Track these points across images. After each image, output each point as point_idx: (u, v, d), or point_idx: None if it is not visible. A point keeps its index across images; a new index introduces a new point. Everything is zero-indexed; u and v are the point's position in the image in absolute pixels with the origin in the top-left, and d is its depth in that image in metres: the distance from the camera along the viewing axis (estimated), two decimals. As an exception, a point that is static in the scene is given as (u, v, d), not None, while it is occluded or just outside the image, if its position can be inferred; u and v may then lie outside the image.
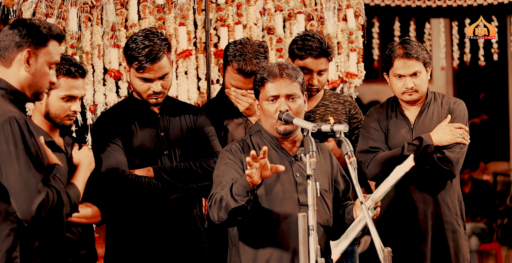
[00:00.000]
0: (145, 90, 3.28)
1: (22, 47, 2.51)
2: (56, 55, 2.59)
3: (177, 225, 3.31)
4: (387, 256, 2.55)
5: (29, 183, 2.39)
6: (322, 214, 2.97)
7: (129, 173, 3.21)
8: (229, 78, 3.53)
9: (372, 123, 3.63)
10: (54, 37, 2.57)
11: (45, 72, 2.56)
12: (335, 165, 3.13)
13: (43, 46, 2.54)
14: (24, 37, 2.51)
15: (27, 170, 2.39)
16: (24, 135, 2.41)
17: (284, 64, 3.03)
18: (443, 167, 3.45)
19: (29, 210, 2.38)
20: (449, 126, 3.51)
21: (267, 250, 2.91)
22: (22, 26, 2.53)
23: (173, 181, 3.24)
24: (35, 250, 2.50)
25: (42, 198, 2.39)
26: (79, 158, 3.00)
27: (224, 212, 2.78)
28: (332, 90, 4.09)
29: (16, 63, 2.52)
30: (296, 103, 2.97)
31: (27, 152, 2.40)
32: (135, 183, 3.19)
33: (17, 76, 2.52)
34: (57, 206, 2.47)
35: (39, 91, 2.58)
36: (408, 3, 6.18)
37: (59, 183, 2.51)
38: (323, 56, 3.70)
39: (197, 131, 3.40)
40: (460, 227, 3.57)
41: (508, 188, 7.83)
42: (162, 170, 3.25)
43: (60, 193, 2.48)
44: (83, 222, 3.11)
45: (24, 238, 2.46)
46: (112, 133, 3.28)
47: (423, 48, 3.54)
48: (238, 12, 4.18)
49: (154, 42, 3.22)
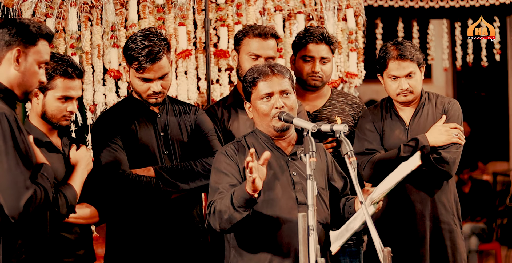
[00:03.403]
0: (145, 90, 3.28)
1: (11, 45, 2.52)
2: (45, 54, 2.60)
3: (177, 225, 3.31)
4: (387, 256, 2.55)
5: (17, 179, 2.39)
6: (321, 212, 2.98)
7: (130, 173, 3.21)
8: (247, 49, 3.58)
9: (367, 125, 3.62)
10: (43, 36, 2.58)
11: (35, 71, 2.57)
12: (330, 162, 3.14)
13: (33, 45, 2.55)
14: (14, 36, 2.52)
15: (16, 166, 2.40)
16: (14, 132, 2.42)
17: (271, 63, 3.08)
18: (440, 167, 3.45)
19: (17, 206, 2.39)
20: (444, 126, 3.51)
21: (269, 250, 2.90)
22: (11, 25, 2.54)
23: (174, 181, 3.24)
24: (17, 248, 2.49)
25: (30, 194, 2.40)
26: (77, 159, 3.01)
27: (226, 223, 2.80)
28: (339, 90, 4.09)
29: (6, 62, 2.53)
30: (290, 99, 2.98)
31: (16, 148, 2.41)
32: (136, 183, 3.19)
33: (7, 75, 2.53)
34: (44, 204, 2.47)
35: (29, 90, 2.59)
36: (411, 4, 6.19)
37: (46, 181, 2.51)
38: (324, 43, 3.72)
39: (196, 130, 3.41)
40: (457, 227, 3.57)
41: (508, 188, 7.83)
42: (163, 169, 3.25)
43: (47, 191, 2.48)
44: (81, 222, 3.10)
45: (6, 236, 2.46)
46: (112, 132, 3.28)
47: (416, 49, 3.54)
48: (238, 12, 4.19)
49: (154, 42, 3.22)
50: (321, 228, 2.97)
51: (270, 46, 3.58)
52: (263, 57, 3.54)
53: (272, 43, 3.59)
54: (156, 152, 3.31)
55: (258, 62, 3.51)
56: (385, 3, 6.18)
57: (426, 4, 6.17)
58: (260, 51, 3.55)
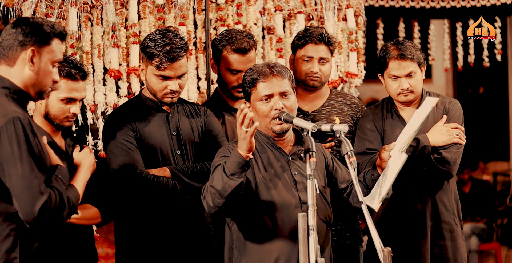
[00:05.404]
0: (162, 88, 3.27)
1: (25, 45, 2.50)
2: (59, 53, 2.58)
3: (189, 225, 3.30)
4: (387, 256, 2.56)
5: (32, 184, 2.38)
6: (323, 210, 2.99)
7: (148, 173, 3.19)
8: (226, 65, 3.58)
9: (368, 124, 3.62)
10: (57, 35, 2.57)
11: (49, 70, 2.56)
12: (329, 159, 3.14)
13: (47, 44, 2.54)
14: (28, 35, 2.50)
15: (30, 171, 2.38)
16: (28, 136, 2.40)
17: (271, 63, 3.06)
18: (441, 167, 3.45)
19: (32, 211, 2.38)
20: (445, 126, 3.51)
21: (274, 250, 2.90)
22: (25, 24, 2.52)
23: (190, 181, 3.24)
24: (34, 251, 2.49)
25: (45, 199, 2.39)
26: (80, 160, 3.00)
27: (220, 196, 2.78)
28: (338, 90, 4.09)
29: (20, 62, 2.51)
30: (290, 100, 2.98)
31: (30, 152, 2.39)
32: (154, 183, 3.18)
33: (21, 75, 2.51)
34: (59, 207, 2.46)
35: (43, 90, 2.57)
36: (412, 4, 6.18)
37: (61, 184, 2.50)
38: (323, 43, 3.72)
39: (207, 132, 3.41)
40: (458, 226, 3.58)
41: (508, 188, 7.83)
42: (179, 170, 3.24)
43: (62, 194, 2.47)
44: (83, 223, 3.10)
45: (24, 239, 2.46)
46: (126, 132, 3.25)
47: (417, 49, 3.54)
48: (238, 12, 4.18)
49: (175, 41, 3.23)
50: (325, 225, 2.98)
51: (250, 59, 3.57)
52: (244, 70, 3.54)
53: (252, 55, 3.59)
54: (169, 152, 3.31)
55: (239, 75, 3.51)
56: (386, 3, 6.18)
57: (427, 4, 6.16)
58: (241, 67, 3.55)
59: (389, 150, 3.10)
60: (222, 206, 2.82)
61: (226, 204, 2.81)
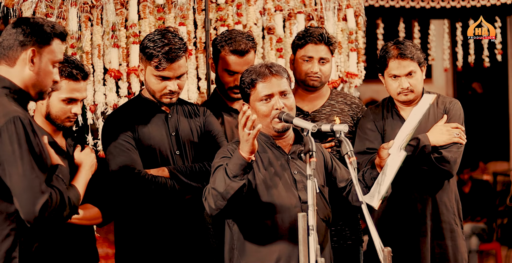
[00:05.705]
0: (161, 89, 3.27)
1: (26, 46, 2.50)
2: (59, 54, 2.58)
3: (187, 226, 3.30)
4: (387, 256, 2.55)
5: (33, 184, 2.38)
6: (323, 209, 3.00)
7: (146, 173, 3.19)
8: (224, 66, 3.57)
9: (368, 124, 3.63)
10: (57, 36, 2.56)
11: (49, 70, 2.55)
12: (328, 158, 3.14)
13: (47, 44, 2.53)
14: (28, 36, 2.50)
15: (31, 170, 2.38)
16: (28, 135, 2.40)
17: (269, 63, 3.06)
18: (441, 167, 3.45)
19: (33, 211, 2.37)
20: (445, 126, 3.51)
21: (275, 250, 2.90)
22: (25, 24, 2.52)
23: (189, 182, 3.24)
24: (34, 251, 2.49)
25: (46, 199, 2.38)
26: (81, 160, 3.00)
27: (222, 198, 2.77)
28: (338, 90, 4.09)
29: (20, 62, 2.51)
30: (289, 99, 2.98)
31: (31, 152, 2.39)
32: (153, 183, 3.18)
33: (21, 75, 2.51)
34: (60, 207, 2.45)
35: (43, 90, 2.57)
36: (412, 4, 6.19)
37: (62, 184, 2.50)
38: (323, 43, 3.72)
39: (206, 133, 3.41)
40: (458, 226, 3.58)
41: (508, 188, 7.82)
42: (177, 170, 3.24)
43: (63, 194, 2.47)
44: (84, 223, 3.10)
45: (24, 239, 2.46)
46: (125, 132, 3.26)
47: (417, 48, 3.54)
48: (238, 12, 4.18)
49: (174, 41, 3.23)
50: (324, 225, 2.99)
51: (247, 61, 3.56)
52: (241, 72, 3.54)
53: (250, 57, 3.58)
54: (168, 152, 3.31)
55: (236, 76, 3.52)
56: (386, 3, 6.19)
57: (427, 4, 6.17)
58: (238, 68, 3.55)
59: (388, 148, 3.10)
60: (224, 208, 2.81)
61: (228, 206, 2.80)
